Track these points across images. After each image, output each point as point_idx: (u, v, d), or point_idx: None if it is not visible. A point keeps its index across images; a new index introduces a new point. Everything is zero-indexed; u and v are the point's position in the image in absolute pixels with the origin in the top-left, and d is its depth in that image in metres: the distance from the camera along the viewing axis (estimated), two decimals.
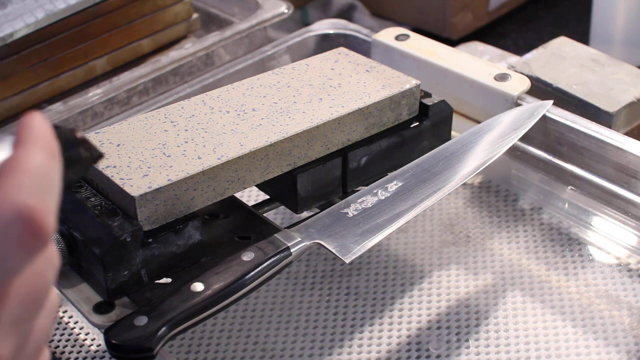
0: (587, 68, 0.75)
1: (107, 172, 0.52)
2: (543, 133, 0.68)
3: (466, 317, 0.61)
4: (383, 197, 0.57)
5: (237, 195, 0.60)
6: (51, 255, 0.30)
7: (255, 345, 0.60)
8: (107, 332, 0.47)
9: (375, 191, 0.58)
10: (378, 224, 0.56)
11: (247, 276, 0.51)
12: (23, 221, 0.27)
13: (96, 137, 0.57)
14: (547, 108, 0.67)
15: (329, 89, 0.61)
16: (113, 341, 0.47)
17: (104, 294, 0.51)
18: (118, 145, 0.55)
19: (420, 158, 0.61)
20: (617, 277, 0.64)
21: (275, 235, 0.54)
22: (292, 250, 0.53)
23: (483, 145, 0.62)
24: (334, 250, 0.54)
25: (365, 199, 0.57)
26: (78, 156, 0.32)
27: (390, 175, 0.60)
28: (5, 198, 0.27)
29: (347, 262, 0.53)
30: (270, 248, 0.53)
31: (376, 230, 0.55)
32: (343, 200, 0.58)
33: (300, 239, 0.54)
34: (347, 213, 0.56)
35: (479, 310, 0.62)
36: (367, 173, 0.61)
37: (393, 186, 0.58)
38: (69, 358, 0.61)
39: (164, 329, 0.47)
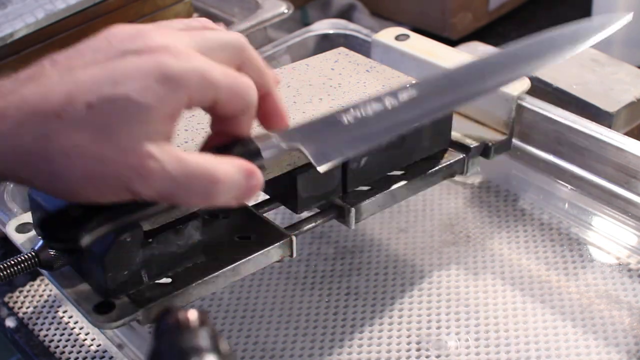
0: (587, 68, 0.75)
1: None
2: (543, 133, 0.68)
3: (466, 317, 0.61)
4: (390, 107, 0.52)
5: None
6: None
7: (255, 345, 0.60)
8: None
9: (382, 98, 0.52)
10: (371, 132, 0.50)
11: None
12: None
13: None
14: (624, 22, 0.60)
15: (329, 89, 0.61)
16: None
17: (104, 294, 0.51)
18: None
19: (450, 68, 0.56)
20: (617, 277, 0.64)
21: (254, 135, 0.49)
22: (264, 154, 0.48)
23: (528, 57, 0.56)
24: (310, 156, 0.49)
25: (368, 107, 0.51)
26: None
27: (406, 83, 0.54)
28: None
29: (320, 171, 0.49)
30: (240, 149, 0.48)
31: (366, 139, 0.50)
32: (345, 107, 0.52)
33: (276, 142, 0.48)
34: (343, 120, 0.51)
35: (479, 311, 0.62)
36: (367, 173, 0.61)
37: (405, 95, 0.52)
38: (69, 358, 0.61)
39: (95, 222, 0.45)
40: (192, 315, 0.40)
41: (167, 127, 0.43)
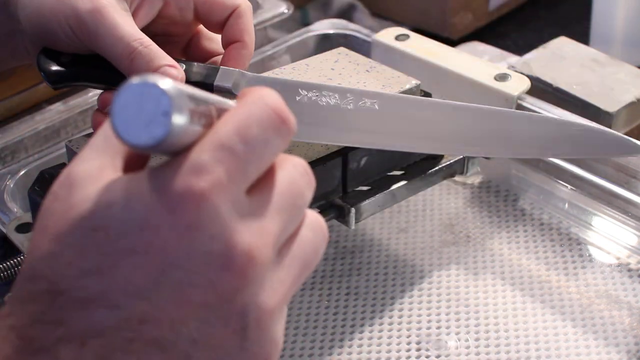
0: (587, 68, 0.75)
1: None
2: None
3: (466, 317, 0.61)
4: (349, 106, 0.54)
5: None
6: (305, 171, 0.36)
7: None
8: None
9: (348, 96, 0.55)
10: (310, 122, 0.53)
11: None
12: (275, 110, 0.34)
13: None
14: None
15: None
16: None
17: None
18: None
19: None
20: (617, 277, 0.64)
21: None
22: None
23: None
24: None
25: (330, 95, 0.54)
26: None
27: (377, 92, 0.57)
28: (256, 94, 0.34)
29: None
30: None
31: (305, 127, 0.53)
32: (316, 84, 0.55)
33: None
34: (300, 94, 0.54)
35: (479, 311, 0.62)
36: (367, 173, 0.61)
37: (368, 102, 0.55)
38: None
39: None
40: None
41: None
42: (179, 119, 0.30)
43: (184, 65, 0.55)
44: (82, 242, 0.32)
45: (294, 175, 0.35)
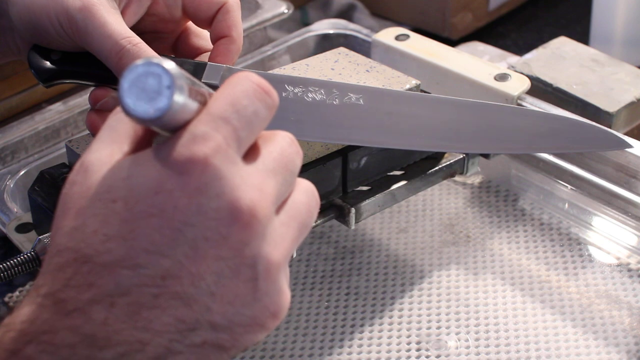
0: (587, 68, 0.75)
1: None
2: None
3: (466, 317, 0.61)
4: (335, 102, 0.55)
5: None
6: (292, 140, 0.40)
7: (256, 345, 0.60)
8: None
9: (334, 91, 0.56)
10: (294, 122, 0.54)
11: None
12: (259, 85, 0.38)
13: None
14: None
15: None
16: None
17: None
18: None
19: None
20: (617, 277, 0.64)
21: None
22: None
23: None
24: None
25: (316, 91, 0.55)
26: None
27: (363, 86, 0.56)
28: (241, 74, 0.38)
29: None
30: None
31: (293, 121, 0.54)
32: (302, 79, 0.55)
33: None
34: (286, 89, 0.55)
35: (479, 311, 0.62)
36: (367, 173, 0.61)
37: (353, 97, 0.56)
38: None
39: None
40: None
41: None
42: (179, 92, 0.34)
43: None
44: (103, 213, 0.35)
45: (283, 144, 0.39)
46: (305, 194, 0.41)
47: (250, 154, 0.38)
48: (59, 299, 0.35)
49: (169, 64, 0.35)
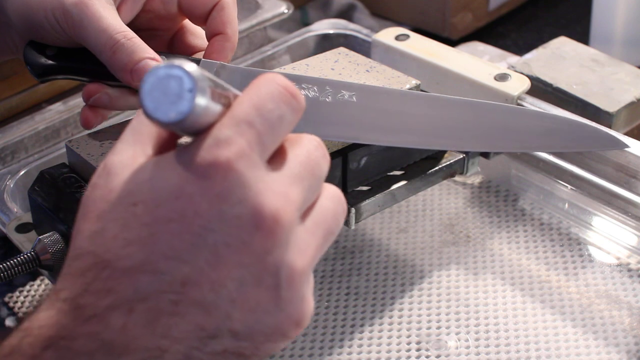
0: (587, 68, 0.75)
1: None
2: None
3: (466, 317, 0.61)
4: (327, 99, 0.55)
5: None
6: (319, 144, 0.39)
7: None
8: None
9: (327, 88, 0.55)
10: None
11: None
12: (285, 88, 0.37)
13: (97, 136, 0.57)
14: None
15: None
16: None
17: None
18: None
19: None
20: (617, 277, 0.64)
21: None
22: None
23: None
24: None
25: (309, 88, 0.55)
26: None
27: (356, 84, 0.56)
28: (266, 76, 0.37)
29: None
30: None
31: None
32: (294, 75, 0.55)
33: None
34: None
35: (479, 311, 0.62)
36: (367, 173, 0.61)
37: (346, 95, 0.56)
38: None
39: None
40: None
41: None
42: (201, 95, 0.34)
43: (165, 58, 0.55)
44: (124, 217, 0.35)
45: (309, 147, 0.38)
46: (332, 200, 0.39)
47: (276, 157, 0.37)
48: (78, 304, 0.34)
49: (191, 67, 0.34)
